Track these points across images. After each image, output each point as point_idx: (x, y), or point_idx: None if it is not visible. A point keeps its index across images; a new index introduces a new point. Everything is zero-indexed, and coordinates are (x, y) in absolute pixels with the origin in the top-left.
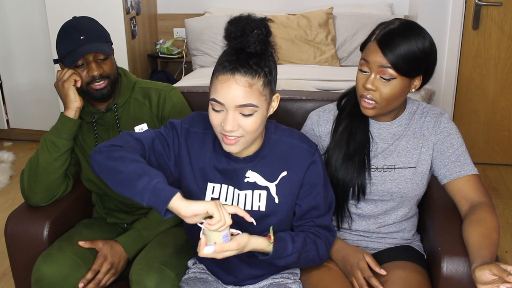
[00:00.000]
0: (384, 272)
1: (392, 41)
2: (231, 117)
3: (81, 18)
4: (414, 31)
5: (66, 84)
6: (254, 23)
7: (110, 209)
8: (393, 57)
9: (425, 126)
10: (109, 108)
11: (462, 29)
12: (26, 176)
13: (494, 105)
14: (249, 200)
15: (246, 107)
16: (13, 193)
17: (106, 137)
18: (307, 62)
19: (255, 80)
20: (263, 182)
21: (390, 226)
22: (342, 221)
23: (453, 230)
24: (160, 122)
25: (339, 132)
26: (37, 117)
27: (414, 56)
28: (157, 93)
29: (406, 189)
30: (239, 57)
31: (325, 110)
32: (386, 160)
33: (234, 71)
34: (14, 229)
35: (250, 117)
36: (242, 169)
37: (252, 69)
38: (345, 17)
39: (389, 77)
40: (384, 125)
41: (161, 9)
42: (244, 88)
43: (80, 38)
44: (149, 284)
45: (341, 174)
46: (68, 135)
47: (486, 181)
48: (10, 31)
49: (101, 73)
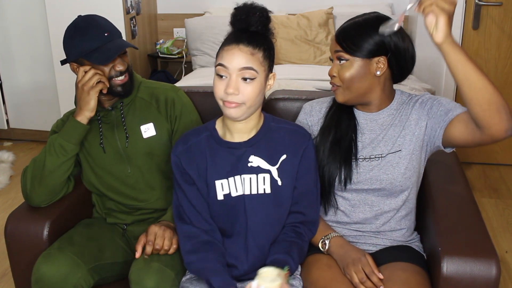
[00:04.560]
0: (381, 276)
1: (343, 29)
2: (233, 81)
3: (94, 15)
4: (368, 17)
5: (92, 92)
6: (256, 8)
7: (110, 209)
8: (340, 39)
9: (413, 114)
10: (115, 106)
11: (462, 29)
12: (30, 177)
13: None
14: (254, 183)
15: (247, 70)
16: (13, 193)
17: (111, 136)
18: (307, 62)
19: (256, 50)
20: (265, 165)
21: (385, 225)
22: (329, 210)
23: (453, 230)
24: (169, 123)
25: (328, 119)
26: (37, 117)
27: (360, 28)
28: (165, 93)
29: (394, 175)
30: (243, 32)
31: (318, 101)
32: (374, 150)
33: (238, 42)
34: (14, 229)
35: (250, 84)
36: (244, 154)
37: (254, 41)
38: (345, 17)
39: (343, 59)
40: (371, 115)
41: (161, 9)
42: (246, 55)
43: (105, 35)
44: (149, 284)
45: (328, 159)
46: (77, 140)
47: (486, 181)
48: (10, 31)
49: (126, 68)
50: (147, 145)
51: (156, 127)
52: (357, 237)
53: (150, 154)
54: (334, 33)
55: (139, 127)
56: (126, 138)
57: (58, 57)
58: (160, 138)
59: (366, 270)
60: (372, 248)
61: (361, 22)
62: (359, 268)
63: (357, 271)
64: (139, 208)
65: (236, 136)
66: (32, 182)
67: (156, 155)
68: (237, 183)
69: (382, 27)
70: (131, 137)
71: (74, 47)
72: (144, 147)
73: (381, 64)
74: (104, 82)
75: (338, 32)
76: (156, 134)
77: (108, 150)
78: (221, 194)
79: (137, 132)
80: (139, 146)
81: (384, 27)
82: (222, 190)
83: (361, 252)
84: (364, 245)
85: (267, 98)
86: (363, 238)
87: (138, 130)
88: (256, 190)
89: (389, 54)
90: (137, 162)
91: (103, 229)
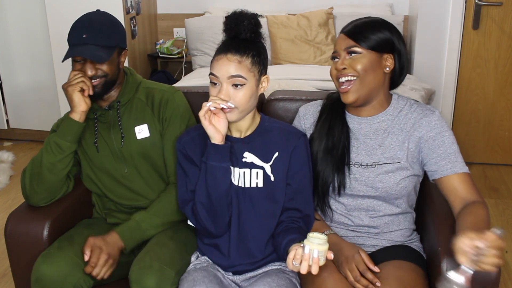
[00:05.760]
0: (377, 269)
1: (355, 26)
2: (225, 88)
3: (95, 14)
4: (375, 18)
5: (69, 89)
6: (245, 16)
7: (110, 209)
8: (354, 34)
9: (410, 122)
10: (111, 105)
11: (462, 29)
12: (28, 176)
13: (494, 105)
14: (247, 177)
15: (236, 77)
16: (13, 193)
17: (107, 135)
18: (307, 62)
19: (244, 58)
20: (259, 162)
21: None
22: (325, 215)
23: (453, 230)
24: (161, 124)
25: (319, 125)
26: (37, 117)
27: (372, 25)
28: (160, 94)
29: (390, 184)
30: (232, 41)
31: (313, 104)
32: (370, 158)
33: (226, 51)
34: (14, 229)
35: (241, 90)
36: (239, 149)
37: (241, 50)
38: (345, 17)
39: (356, 52)
40: (365, 120)
41: (161, 9)
42: (234, 63)
43: (83, 36)
44: (149, 283)
45: (321, 166)
46: (73, 138)
47: (486, 181)
48: (10, 31)
49: (95, 74)
50: (141, 146)
51: (150, 128)
52: (355, 238)
53: (144, 155)
54: (341, 32)
55: (134, 128)
56: (121, 138)
57: (58, 57)
58: (153, 139)
59: (360, 268)
60: (371, 249)
61: (371, 20)
62: (353, 267)
63: (351, 270)
64: (138, 207)
65: (233, 132)
66: (30, 180)
67: (150, 156)
68: (235, 173)
69: (445, 283)
70: (126, 138)
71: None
72: (138, 148)
73: (389, 61)
74: (85, 81)
75: (349, 28)
76: (149, 136)
77: (104, 149)
78: None
79: (132, 132)
80: (134, 147)
81: (448, 284)
82: None
83: (355, 249)
84: (362, 246)
85: (267, 98)
86: (361, 239)
87: (133, 130)
88: (249, 183)
89: (395, 54)
90: (133, 162)
91: (103, 229)
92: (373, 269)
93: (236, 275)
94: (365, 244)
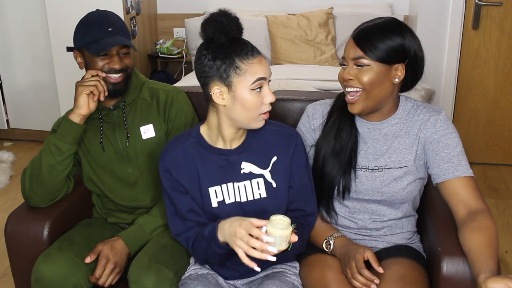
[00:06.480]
0: (381, 270)
1: (363, 32)
2: (270, 88)
3: (108, 11)
4: (387, 20)
5: (79, 88)
6: (219, 20)
7: (110, 209)
8: (362, 41)
9: (417, 124)
10: (117, 105)
11: (462, 29)
12: (28, 177)
13: (494, 105)
14: (249, 189)
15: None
16: (13, 193)
17: (112, 135)
18: (307, 62)
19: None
20: (257, 170)
21: (386, 230)
22: (330, 217)
23: (453, 230)
24: (166, 123)
25: (328, 126)
26: (37, 117)
27: (381, 30)
28: (165, 94)
29: (397, 188)
30: (239, 42)
31: (321, 103)
32: (378, 161)
33: (254, 51)
34: (14, 229)
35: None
36: (235, 161)
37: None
38: (345, 17)
39: (363, 64)
40: (374, 125)
41: (161, 9)
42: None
43: (108, 29)
44: (148, 283)
45: (328, 168)
46: (72, 140)
47: (486, 181)
48: (10, 31)
49: (122, 67)
50: (146, 146)
51: (155, 128)
52: (357, 240)
53: (149, 155)
54: (351, 36)
55: (139, 128)
56: (126, 138)
57: (58, 57)
58: (159, 139)
59: (358, 266)
60: (373, 248)
61: (381, 24)
62: (352, 265)
63: (350, 268)
64: (138, 207)
65: (229, 143)
66: (30, 182)
67: (155, 156)
68: (230, 190)
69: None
70: (131, 138)
71: (80, 36)
72: (144, 148)
73: (399, 71)
74: (97, 86)
75: (357, 34)
76: (155, 136)
77: (108, 149)
78: (215, 201)
79: (137, 132)
80: (139, 146)
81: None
82: (216, 197)
83: (358, 250)
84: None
85: None
86: (363, 242)
87: (138, 130)
88: (252, 196)
89: (406, 61)
90: (137, 162)
91: (103, 229)
92: (377, 270)
93: (237, 280)
94: (366, 246)
